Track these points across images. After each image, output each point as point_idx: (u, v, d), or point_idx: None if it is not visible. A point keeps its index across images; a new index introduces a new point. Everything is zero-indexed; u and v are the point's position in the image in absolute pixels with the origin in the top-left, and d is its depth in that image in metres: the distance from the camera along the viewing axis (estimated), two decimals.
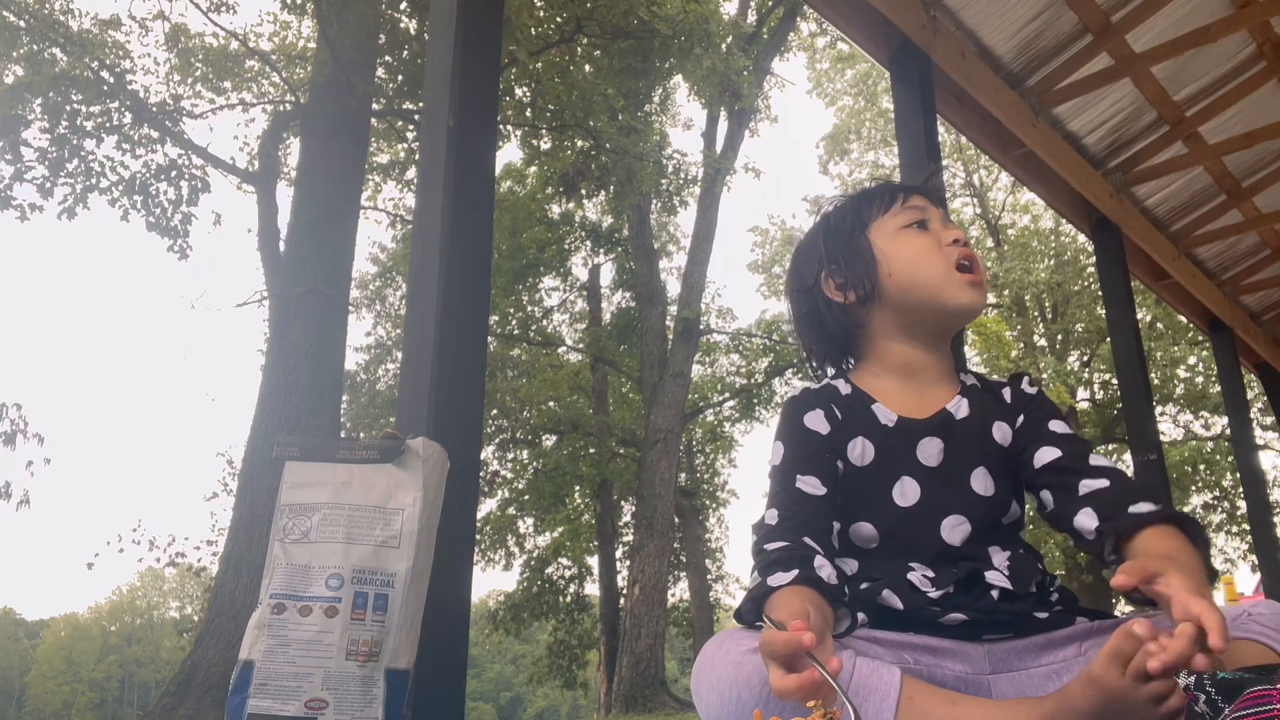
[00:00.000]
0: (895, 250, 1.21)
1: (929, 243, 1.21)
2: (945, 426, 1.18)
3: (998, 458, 1.18)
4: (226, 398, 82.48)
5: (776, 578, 1.02)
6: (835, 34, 15.57)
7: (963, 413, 1.20)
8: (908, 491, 1.15)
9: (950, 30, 3.02)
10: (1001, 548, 1.14)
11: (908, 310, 1.21)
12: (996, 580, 1.09)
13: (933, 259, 1.20)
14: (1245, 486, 5.36)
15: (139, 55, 12.33)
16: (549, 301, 17.22)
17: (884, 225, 1.23)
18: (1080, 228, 4.15)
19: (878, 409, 1.20)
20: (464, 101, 1.62)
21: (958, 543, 1.13)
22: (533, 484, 15.35)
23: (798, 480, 1.15)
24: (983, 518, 1.14)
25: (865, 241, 1.23)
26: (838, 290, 1.25)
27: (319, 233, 8.23)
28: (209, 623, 7.24)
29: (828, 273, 1.26)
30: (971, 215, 18.34)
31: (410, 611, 1.19)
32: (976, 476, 1.16)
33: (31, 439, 8.35)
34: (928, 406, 1.20)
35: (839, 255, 1.25)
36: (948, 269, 1.19)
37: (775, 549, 1.07)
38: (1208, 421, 16.47)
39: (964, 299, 1.19)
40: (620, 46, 9.68)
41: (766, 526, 1.13)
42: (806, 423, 1.19)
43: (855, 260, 1.23)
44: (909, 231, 1.22)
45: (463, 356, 1.51)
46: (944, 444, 1.17)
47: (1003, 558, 1.13)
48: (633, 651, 11.66)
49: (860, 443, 1.18)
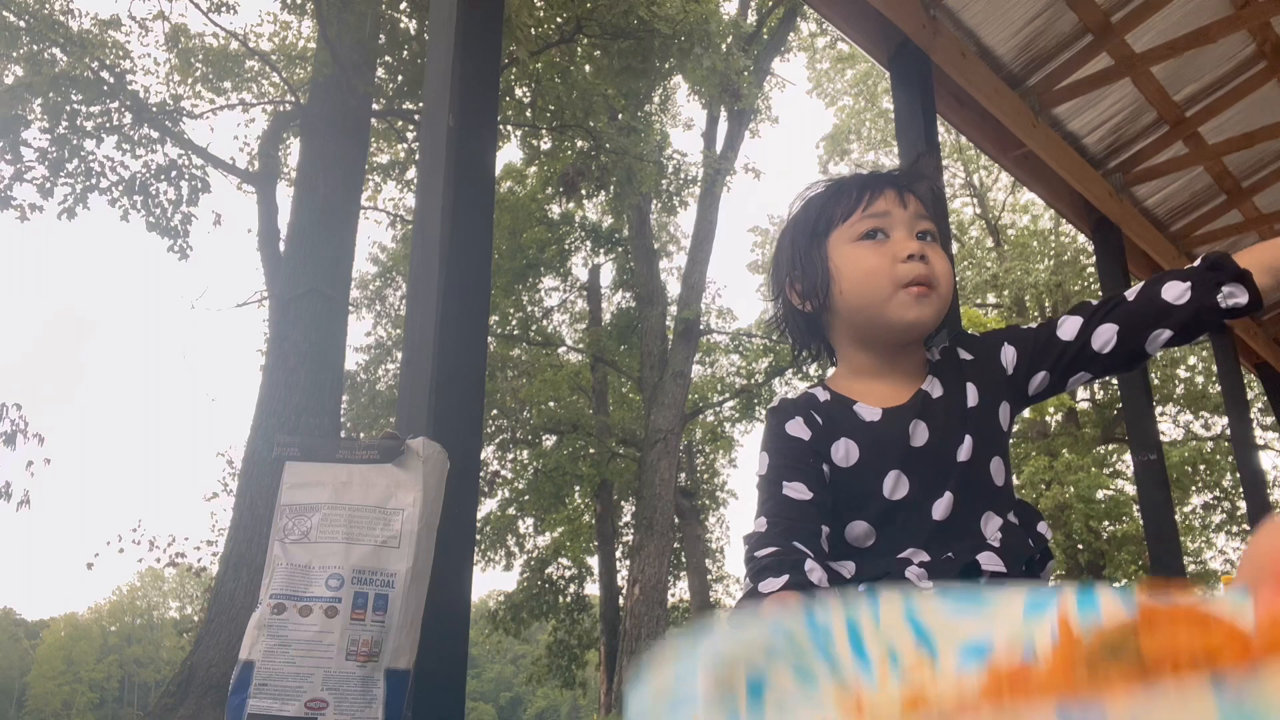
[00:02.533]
0: (845, 267, 1.20)
1: (878, 260, 1.18)
2: (926, 407, 1.19)
3: (975, 419, 1.19)
4: (226, 398, 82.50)
5: (767, 584, 1.03)
6: (835, 34, 15.57)
7: (938, 391, 1.21)
8: (898, 484, 1.16)
9: (950, 30, 3.02)
10: (995, 513, 1.16)
11: (858, 326, 1.22)
12: (989, 564, 1.11)
13: (877, 279, 1.18)
14: (1245, 486, 5.37)
15: (139, 55, 12.37)
16: (549, 301, 17.23)
17: (842, 235, 1.22)
18: (1080, 228, 4.15)
19: (860, 409, 1.21)
20: (464, 101, 1.62)
21: (947, 517, 1.14)
22: (533, 484, 15.35)
23: (784, 487, 1.16)
24: (967, 485, 1.16)
25: (823, 253, 1.23)
26: (799, 298, 1.26)
27: (319, 233, 8.23)
28: (209, 623, 7.24)
29: (790, 280, 1.27)
30: (971, 215, 18.34)
31: (410, 611, 1.18)
32: (963, 449, 1.17)
33: (31, 439, 8.35)
34: (905, 394, 1.22)
35: (799, 264, 1.25)
36: (893, 289, 1.17)
37: (765, 555, 1.08)
38: (1208, 421, 16.47)
39: (909, 316, 1.17)
40: (620, 46, 9.67)
41: (756, 534, 1.14)
42: (788, 430, 1.21)
43: (812, 271, 1.23)
44: (862, 245, 1.20)
45: (463, 356, 1.51)
46: (928, 425, 1.18)
47: (994, 528, 1.14)
48: (633, 651, 11.66)
49: (844, 444, 1.19)
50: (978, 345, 1.25)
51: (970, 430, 1.17)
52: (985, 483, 1.17)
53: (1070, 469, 14.57)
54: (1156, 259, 4.39)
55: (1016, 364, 1.22)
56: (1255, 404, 12.87)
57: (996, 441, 1.20)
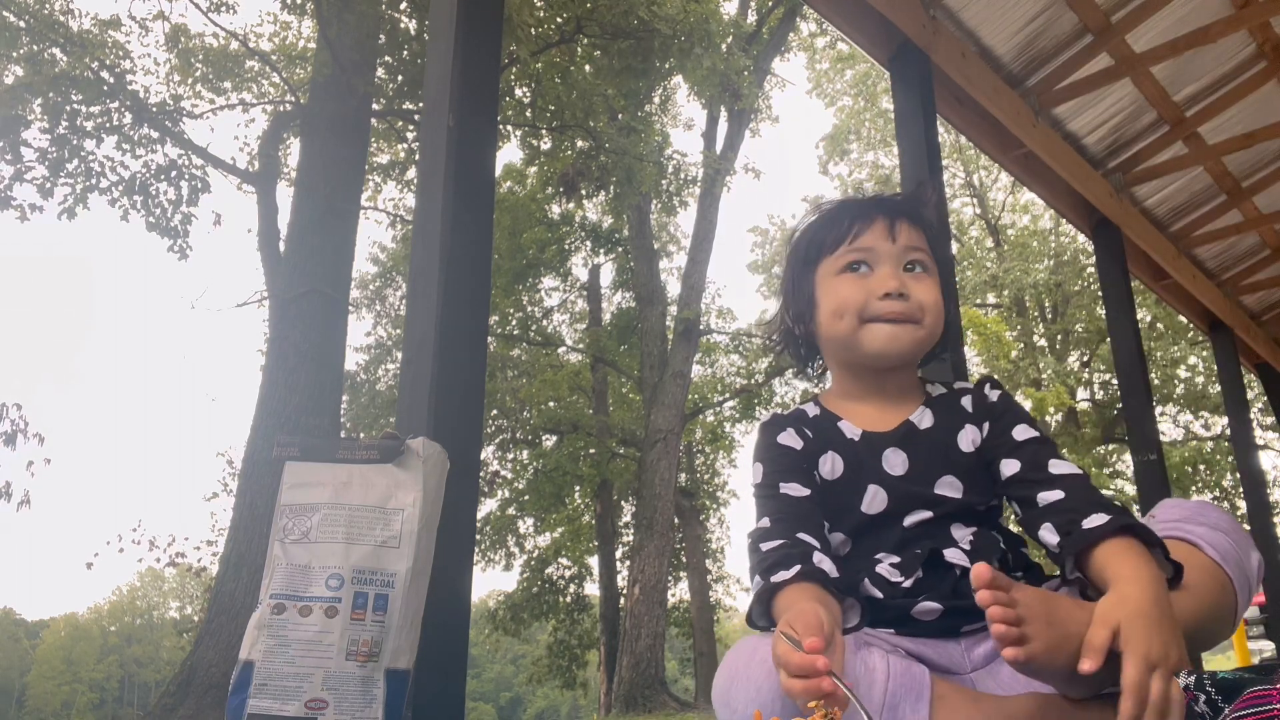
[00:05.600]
0: (824, 299, 1.25)
1: (852, 293, 1.22)
2: (908, 438, 1.22)
3: (966, 464, 1.20)
4: (226, 398, 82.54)
5: (779, 575, 1.04)
6: (835, 34, 15.57)
7: (926, 423, 1.23)
8: (875, 499, 1.18)
9: (950, 30, 3.02)
10: (964, 524, 1.17)
11: (835, 353, 1.29)
12: (956, 559, 1.12)
13: (845, 309, 1.22)
14: (1245, 486, 5.37)
15: (139, 55, 12.35)
16: (549, 301, 17.24)
17: (828, 265, 1.26)
18: (1080, 228, 4.15)
19: (844, 425, 1.25)
20: (464, 101, 1.62)
21: (920, 527, 1.16)
22: (533, 484, 15.35)
23: (781, 487, 1.19)
24: (945, 510, 1.17)
25: (811, 282, 1.28)
26: (792, 319, 1.32)
27: (319, 233, 8.23)
28: (209, 623, 7.24)
29: (784, 304, 1.33)
30: (971, 215, 18.34)
31: (410, 611, 1.19)
32: (942, 484, 1.18)
33: (31, 439, 8.34)
34: (891, 420, 1.24)
35: (791, 290, 1.31)
36: (859, 323, 1.21)
37: (772, 548, 1.10)
38: (1208, 421, 16.47)
39: (875, 348, 1.21)
40: (620, 46, 9.67)
41: (760, 530, 1.15)
42: (780, 441, 1.24)
43: (801, 299, 1.29)
44: (844, 278, 1.23)
45: (463, 356, 1.51)
46: (908, 455, 1.20)
47: (965, 533, 1.15)
48: (633, 651, 11.66)
49: (830, 457, 1.22)
50: (991, 408, 1.24)
51: (956, 472, 1.18)
52: (967, 510, 1.18)
53: None
54: (1156, 259, 4.39)
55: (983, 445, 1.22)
56: (1255, 404, 12.87)
57: (986, 489, 1.20)
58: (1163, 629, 0.88)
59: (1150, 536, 1.00)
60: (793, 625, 0.88)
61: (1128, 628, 0.87)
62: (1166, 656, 0.86)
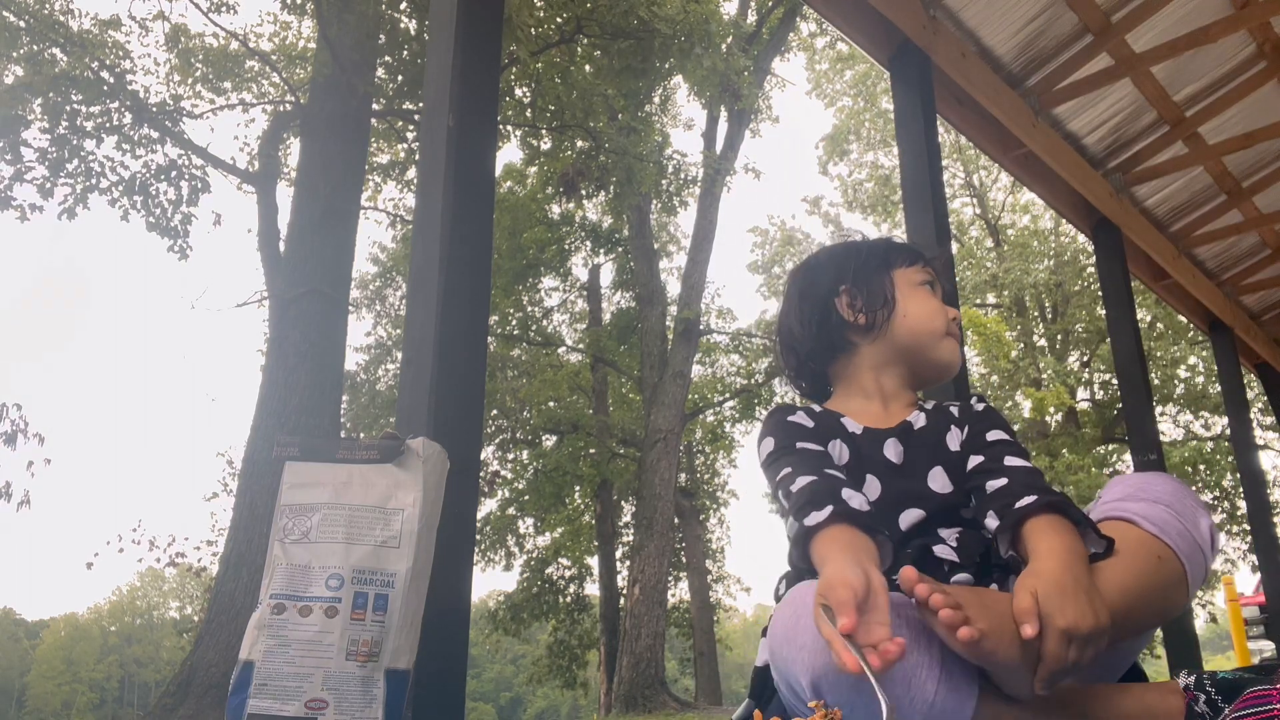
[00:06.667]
0: (914, 300, 1.38)
1: (938, 305, 1.39)
2: (905, 433, 1.30)
3: (953, 461, 1.27)
4: (226, 398, 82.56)
5: (812, 518, 1.07)
6: (835, 34, 15.57)
7: (920, 424, 1.32)
8: (870, 489, 1.23)
9: (950, 30, 3.02)
10: (951, 524, 1.21)
11: (906, 351, 1.37)
12: (944, 554, 1.15)
13: (938, 319, 1.38)
14: (1245, 486, 5.37)
15: (139, 55, 12.35)
16: (549, 301, 17.23)
17: (907, 275, 1.40)
18: (1080, 228, 4.15)
19: (846, 421, 1.31)
20: (464, 101, 1.62)
21: (910, 528, 1.20)
22: (533, 484, 15.34)
23: (798, 445, 1.24)
24: (938, 510, 1.22)
25: (889, 281, 1.39)
26: (849, 308, 1.38)
27: (319, 233, 8.22)
28: (209, 623, 7.24)
29: (846, 289, 1.39)
30: (971, 215, 18.34)
31: (410, 611, 1.18)
32: (934, 476, 1.25)
33: (31, 439, 8.33)
34: (890, 420, 1.33)
35: (863, 280, 1.39)
36: (945, 331, 1.38)
37: (802, 487, 1.14)
38: (1208, 421, 16.46)
39: (948, 357, 1.38)
40: (620, 46, 9.66)
41: (785, 475, 1.19)
42: (791, 419, 1.30)
43: (876, 292, 1.38)
44: (925, 289, 1.40)
45: (463, 356, 1.51)
46: (904, 447, 1.28)
47: (952, 533, 1.19)
48: (633, 652, 11.66)
49: (837, 444, 1.28)
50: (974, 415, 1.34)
51: (945, 467, 1.25)
52: (954, 509, 1.23)
53: (1070, 469, 14.56)
54: (1156, 259, 4.39)
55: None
56: (1255, 404, 12.87)
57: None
58: (1078, 598, 0.92)
59: (1077, 514, 1.05)
60: (826, 598, 0.90)
61: (1043, 598, 0.91)
62: (1078, 624, 0.90)
